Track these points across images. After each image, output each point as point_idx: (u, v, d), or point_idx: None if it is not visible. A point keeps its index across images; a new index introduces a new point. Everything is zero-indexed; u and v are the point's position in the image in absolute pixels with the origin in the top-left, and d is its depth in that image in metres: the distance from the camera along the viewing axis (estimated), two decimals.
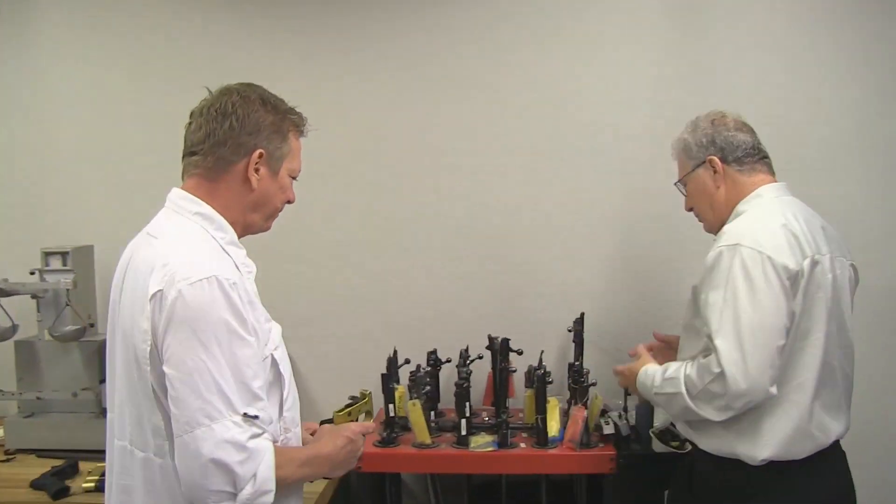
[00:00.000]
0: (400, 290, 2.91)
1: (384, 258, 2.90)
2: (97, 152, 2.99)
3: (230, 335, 1.35)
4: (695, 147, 1.99)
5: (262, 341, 1.44)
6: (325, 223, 2.92)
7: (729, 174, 1.95)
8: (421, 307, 2.90)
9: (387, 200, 2.91)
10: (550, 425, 2.39)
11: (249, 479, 1.34)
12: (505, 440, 2.38)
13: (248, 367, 1.37)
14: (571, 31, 2.82)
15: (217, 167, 1.49)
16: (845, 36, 2.71)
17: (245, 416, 1.35)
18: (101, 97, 2.98)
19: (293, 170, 1.59)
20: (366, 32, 2.88)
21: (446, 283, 2.91)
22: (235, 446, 1.33)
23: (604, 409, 2.54)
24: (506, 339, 2.55)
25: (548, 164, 2.86)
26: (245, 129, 1.48)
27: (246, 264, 1.52)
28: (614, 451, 2.32)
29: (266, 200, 1.55)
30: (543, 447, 2.37)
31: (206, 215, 1.49)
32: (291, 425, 1.54)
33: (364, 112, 2.88)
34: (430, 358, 2.63)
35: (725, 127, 1.97)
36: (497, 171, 2.88)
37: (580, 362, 2.59)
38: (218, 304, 1.35)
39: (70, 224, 2.97)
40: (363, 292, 2.93)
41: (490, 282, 2.90)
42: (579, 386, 2.43)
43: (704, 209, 2.01)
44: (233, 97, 1.50)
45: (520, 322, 2.81)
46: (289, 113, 1.56)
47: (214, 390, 1.33)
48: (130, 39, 2.95)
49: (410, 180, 2.88)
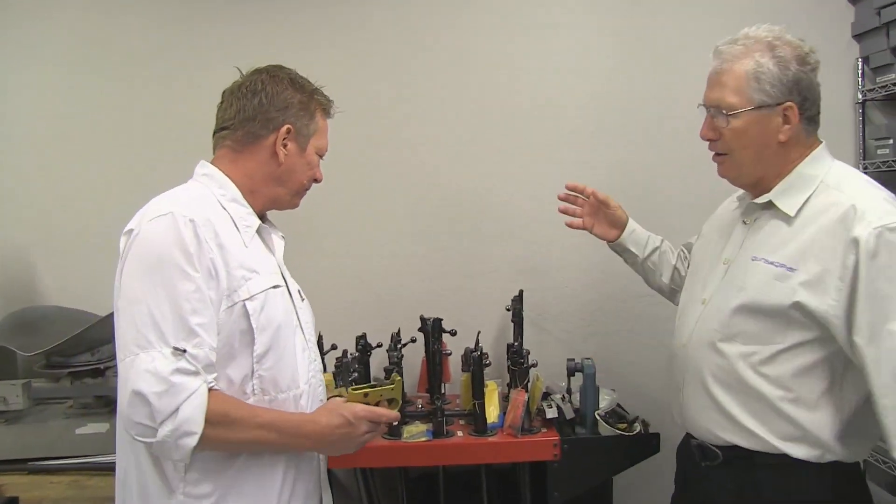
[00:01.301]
0: (327, 272, 2.70)
1: (309, 240, 2.69)
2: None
3: (173, 269, 1.35)
4: (774, 82, 1.55)
5: (229, 286, 1.41)
6: None
7: (797, 131, 1.58)
8: (350, 290, 2.72)
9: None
10: (489, 411, 2.23)
11: (168, 414, 1.30)
12: (441, 429, 2.21)
13: (187, 301, 1.35)
14: (526, 11, 2.72)
15: (245, 140, 1.54)
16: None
17: (175, 349, 1.32)
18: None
19: (320, 148, 1.62)
20: (320, 7, 2.71)
21: (377, 264, 2.74)
22: (156, 377, 1.30)
23: (546, 391, 2.40)
24: (438, 320, 2.37)
25: (482, 141, 2.72)
26: (274, 105, 1.54)
27: (245, 219, 1.51)
28: (558, 437, 2.17)
29: (291, 175, 1.57)
30: (482, 435, 2.21)
31: (210, 175, 1.53)
32: (272, 388, 1.46)
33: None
34: (358, 343, 2.44)
35: (812, 69, 1.58)
36: (429, 147, 2.72)
37: (520, 342, 2.42)
38: (167, 239, 1.37)
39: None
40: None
41: (423, 261, 2.73)
42: (519, 368, 2.26)
43: (746, 157, 1.61)
44: (262, 76, 1.56)
45: (456, 302, 2.66)
46: (315, 93, 1.60)
47: (148, 321, 1.33)
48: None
49: (338, 159, 2.68)
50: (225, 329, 1.40)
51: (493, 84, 2.72)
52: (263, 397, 1.44)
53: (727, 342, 1.60)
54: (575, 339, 2.69)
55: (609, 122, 2.70)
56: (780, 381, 1.56)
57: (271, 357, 1.45)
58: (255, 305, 1.43)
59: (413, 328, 2.45)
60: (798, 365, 1.55)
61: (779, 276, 1.54)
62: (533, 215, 2.69)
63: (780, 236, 1.60)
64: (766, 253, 1.59)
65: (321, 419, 1.47)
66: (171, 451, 1.32)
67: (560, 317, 2.71)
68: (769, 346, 1.56)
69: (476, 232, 2.72)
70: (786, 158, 1.61)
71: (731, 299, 1.60)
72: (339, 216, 2.72)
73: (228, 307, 1.40)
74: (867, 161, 2.64)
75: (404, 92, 2.72)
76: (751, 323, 1.57)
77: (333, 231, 2.72)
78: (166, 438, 1.30)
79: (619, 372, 2.59)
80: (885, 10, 2.47)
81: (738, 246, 1.67)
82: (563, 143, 2.71)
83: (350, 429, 1.47)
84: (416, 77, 2.72)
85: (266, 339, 1.44)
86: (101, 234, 2.56)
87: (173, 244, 1.36)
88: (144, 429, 1.30)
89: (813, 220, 1.56)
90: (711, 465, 1.65)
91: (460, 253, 2.73)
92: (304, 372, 1.53)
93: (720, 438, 1.63)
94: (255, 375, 1.43)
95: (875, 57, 2.59)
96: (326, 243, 2.72)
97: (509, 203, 2.72)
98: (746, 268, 1.61)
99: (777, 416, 1.56)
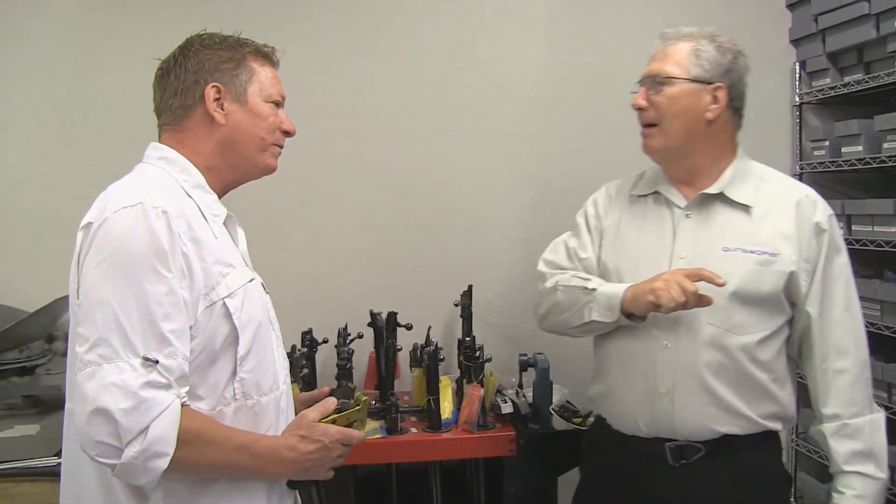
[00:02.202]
0: (273, 266, 2.61)
1: (256, 232, 2.59)
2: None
3: (143, 268, 1.22)
4: (712, 61, 1.65)
5: (206, 284, 1.29)
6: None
7: (724, 118, 1.68)
8: (295, 284, 2.61)
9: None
10: (443, 406, 2.20)
11: (137, 433, 1.16)
12: (395, 425, 2.16)
13: (158, 305, 1.21)
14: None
15: (178, 117, 1.41)
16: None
17: (145, 359, 1.18)
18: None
19: (268, 94, 1.45)
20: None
21: (324, 259, 2.66)
22: (123, 391, 1.16)
23: (498, 388, 2.37)
24: (393, 313, 2.32)
25: (431, 136, 2.69)
26: (188, 73, 1.40)
27: (212, 207, 1.39)
28: (514, 432, 2.16)
29: (240, 133, 1.42)
30: (437, 431, 2.18)
31: (169, 159, 1.39)
32: (254, 391, 1.35)
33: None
34: (304, 338, 2.37)
35: (744, 67, 1.69)
36: (377, 141, 2.68)
37: (471, 338, 2.40)
38: (137, 233, 1.23)
39: None
40: None
41: (370, 255, 2.68)
42: (474, 363, 2.24)
43: (675, 126, 1.66)
44: (174, 52, 1.44)
45: (403, 297, 2.59)
46: (239, 42, 1.45)
47: (113, 327, 1.19)
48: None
49: (284, 152, 2.60)
50: (205, 331, 1.28)
51: (440, 80, 2.70)
52: (245, 402, 1.33)
53: (727, 336, 1.62)
54: (522, 333, 2.68)
55: (557, 114, 2.72)
56: (767, 364, 1.64)
57: (252, 358, 1.34)
58: (235, 303, 1.32)
59: (358, 324, 2.40)
60: (777, 346, 1.65)
61: (763, 262, 1.61)
62: (480, 209, 2.68)
63: (745, 226, 1.66)
64: (740, 243, 1.63)
65: (298, 445, 1.35)
66: (137, 475, 1.19)
67: (507, 312, 2.69)
68: (759, 333, 1.62)
69: (424, 226, 2.68)
70: (715, 144, 1.69)
71: (720, 291, 1.59)
72: (285, 209, 2.64)
73: (207, 307, 1.28)
74: (804, 162, 2.74)
75: (354, 86, 2.66)
76: (744, 312, 1.62)
77: (278, 224, 2.63)
78: (133, 460, 1.17)
79: (566, 369, 2.58)
80: (821, 16, 2.57)
81: (693, 240, 1.69)
82: (512, 138, 2.70)
83: (326, 453, 1.37)
84: (365, 71, 2.67)
85: (248, 337, 1.33)
86: (30, 228, 2.45)
87: (144, 239, 1.22)
88: (107, 448, 1.17)
89: (771, 209, 1.67)
90: (688, 461, 1.65)
91: (407, 247, 2.68)
92: (281, 371, 1.43)
93: (714, 432, 1.63)
94: (236, 379, 1.32)
95: (811, 62, 2.69)
96: (272, 236, 2.60)
97: (458, 196, 2.69)
98: (722, 259, 1.63)
99: (764, 398, 1.64)
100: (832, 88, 2.59)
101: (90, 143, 2.55)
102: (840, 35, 2.51)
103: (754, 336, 1.63)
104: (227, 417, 1.31)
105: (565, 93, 2.71)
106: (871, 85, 2.42)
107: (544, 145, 2.71)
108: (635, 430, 1.70)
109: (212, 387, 1.30)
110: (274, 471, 1.35)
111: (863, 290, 2.42)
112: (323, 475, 1.41)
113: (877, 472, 1.60)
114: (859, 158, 2.44)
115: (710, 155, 1.70)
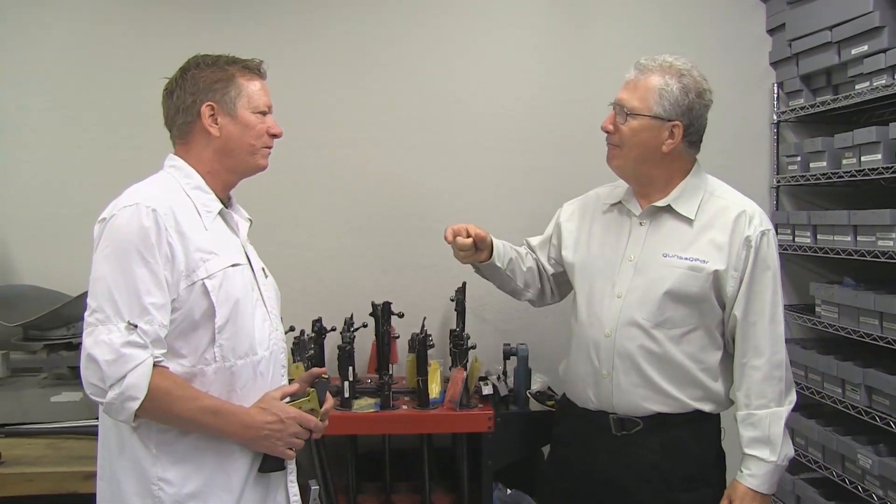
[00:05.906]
0: (286, 261, 2.89)
1: (269, 230, 2.88)
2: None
3: (133, 254, 1.52)
4: (673, 102, 1.87)
5: (188, 267, 1.57)
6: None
7: (679, 149, 1.91)
8: (308, 280, 2.91)
9: (271, 173, 2.85)
10: (431, 387, 2.46)
11: (116, 380, 1.48)
12: (387, 402, 2.43)
13: (142, 283, 1.52)
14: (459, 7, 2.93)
15: (183, 132, 1.70)
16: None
17: (129, 324, 1.49)
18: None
19: (255, 106, 1.71)
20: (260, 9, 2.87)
21: (331, 256, 2.93)
22: (109, 347, 1.48)
23: (484, 375, 2.63)
24: (387, 303, 2.59)
25: (432, 136, 2.93)
26: (187, 93, 1.68)
27: (207, 205, 1.67)
28: (492, 411, 2.40)
29: (231, 142, 1.69)
30: (424, 408, 2.43)
31: (177, 167, 1.70)
32: (231, 355, 1.62)
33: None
34: (314, 325, 2.65)
35: (705, 105, 1.91)
36: (381, 143, 2.93)
37: (461, 328, 2.66)
38: (130, 227, 1.53)
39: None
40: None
41: (374, 254, 2.94)
42: (459, 349, 2.50)
43: (633, 153, 1.92)
44: (175, 74, 1.72)
45: (403, 293, 2.84)
46: (228, 63, 1.71)
47: (107, 298, 1.51)
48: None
49: (295, 152, 2.88)
50: (186, 304, 1.57)
51: (435, 89, 2.92)
52: (224, 363, 1.61)
53: (658, 328, 1.90)
54: (512, 328, 2.93)
55: (548, 121, 2.95)
56: (695, 355, 1.92)
57: (230, 328, 1.61)
58: (213, 283, 1.60)
59: (365, 316, 2.64)
60: (705, 341, 1.93)
61: (694, 268, 1.89)
62: (476, 212, 2.84)
63: (685, 236, 1.93)
64: (678, 250, 1.92)
65: (256, 415, 1.61)
66: (117, 412, 1.50)
67: (498, 307, 2.93)
68: (686, 327, 1.91)
69: (424, 229, 2.90)
70: (668, 168, 1.94)
71: (655, 291, 1.90)
72: (299, 213, 2.92)
73: (188, 286, 1.57)
74: (780, 175, 2.95)
75: (352, 92, 2.90)
76: (674, 309, 1.90)
77: (292, 225, 2.91)
78: (113, 400, 1.48)
79: (549, 359, 2.80)
80: (794, 42, 2.78)
81: (641, 246, 1.97)
82: (503, 145, 2.93)
83: (281, 426, 1.63)
84: (364, 81, 2.91)
85: (225, 311, 1.61)
86: (74, 220, 2.67)
87: (135, 232, 1.53)
88: (96, 389, 1.49)
89: (711, 222, 1.93)
90: (629, 433, 1.94)
91: (409, 249, 2.93)
92: (263, 340, 1.69)
93: (646, 409, 1.93)
94: (216, 344, 1.60)
95: (788, 83, 2.90)
96: (286, 235, 2.89)
97: (455, 201, 2.92)
98: (661, 263, 1.92)
99: (692, 383, 1.92)
100: (802, 109, 2.80)
101: (130, 144, 2.79)
102: (810, 59, 2.73)
103: (681, 329, 1.91)
104: (208, 375, 1.60)
105: (555, 102, 2.94)
106: (836, 105, 2.63)
107: (535, 152, 2.94)
108: (587, 403, 2.01)
109: (193, 349, 1.59)
110: (233, 431, 1.60)
111: (822, 294, 2.64)
112: (281, 451, 1.65)
113: (770, 456, 1.87)
114: (823, 173, 2.65)
115: (664, 176, 1.96)
